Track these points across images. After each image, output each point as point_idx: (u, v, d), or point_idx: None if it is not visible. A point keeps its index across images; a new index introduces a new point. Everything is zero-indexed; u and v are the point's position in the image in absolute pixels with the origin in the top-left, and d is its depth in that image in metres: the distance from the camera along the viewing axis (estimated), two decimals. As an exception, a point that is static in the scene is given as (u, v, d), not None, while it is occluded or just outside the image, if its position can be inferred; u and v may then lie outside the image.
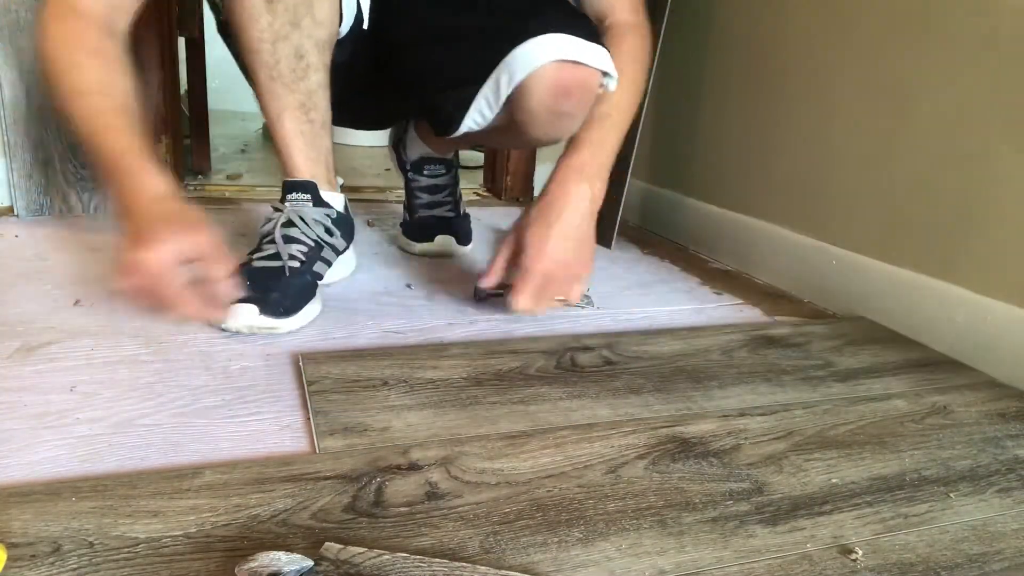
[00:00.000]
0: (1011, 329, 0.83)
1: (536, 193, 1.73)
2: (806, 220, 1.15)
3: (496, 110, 0.90)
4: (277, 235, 0.87)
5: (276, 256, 0.86)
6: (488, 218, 1.50)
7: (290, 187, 0.90)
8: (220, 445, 0.60)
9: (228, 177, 1.76)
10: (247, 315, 0.80)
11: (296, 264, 0.86)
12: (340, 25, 0.87)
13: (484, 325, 0.91)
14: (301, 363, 0.74)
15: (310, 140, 0.88)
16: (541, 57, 0.83)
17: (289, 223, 0.88)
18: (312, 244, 0.88)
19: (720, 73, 1.33)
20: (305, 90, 0.84)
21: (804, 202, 1.15)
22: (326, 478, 0.54)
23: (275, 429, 0.63)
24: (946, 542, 0.52)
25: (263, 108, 0.87)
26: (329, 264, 0.91)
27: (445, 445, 0.60)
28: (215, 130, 1.76)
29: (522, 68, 0.84)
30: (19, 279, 0.96)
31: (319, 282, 0.90)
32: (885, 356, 0.87)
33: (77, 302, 0.90)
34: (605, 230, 1.37)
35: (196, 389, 0.70)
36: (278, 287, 0.83)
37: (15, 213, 1.28)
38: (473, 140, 1.10)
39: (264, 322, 0.81)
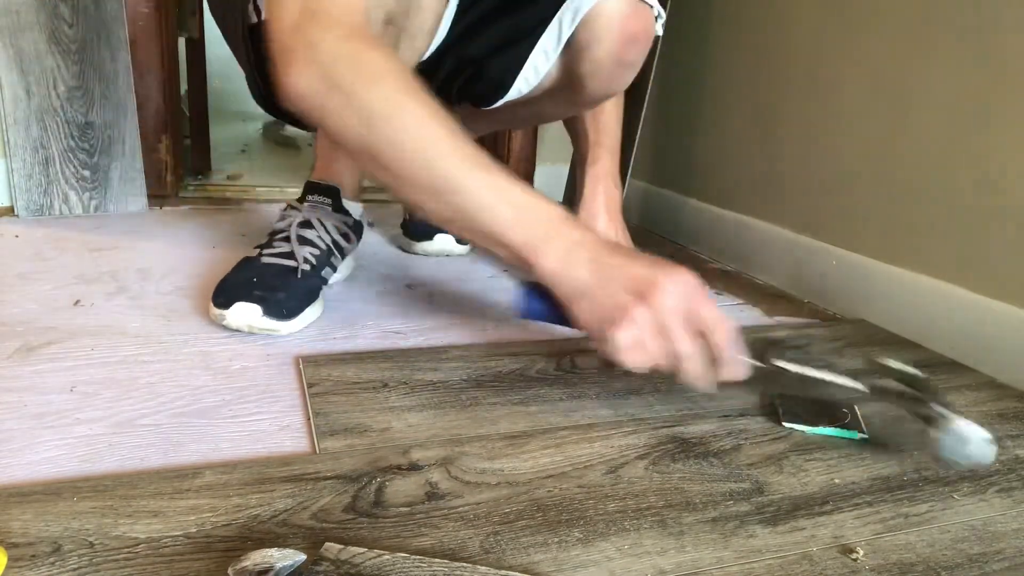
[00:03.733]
0: (1011, 329, 0.83)
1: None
2: (806, 220, 1.14)
3: (552, 60, 0.91)
4: (293, 234, 0.86)
5: (288, 255, 0.85)
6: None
7: (312, 188, 0.89)
8: (220, 445, 0.60)
9: (228, 177, 1.76)
10: (249, 314, 0.80)
11: (307, 267, 0.85)
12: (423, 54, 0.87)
13: (484, 326, 0.91)
14: (301, 366, 0.74)
15: None
16: None
17: (306, 224, 0.88)
18: (324, 248, 0.88)
19: (720, 73, 1.33)
20: None
21: (804, 202, 1.15)
22: (326, 478, 0.54)
23: (275, 429, 0.63)
24: (946, 542, 0.52)
25: None
26: (335, 269, 0.92)
27: (445, 445, 0.60)
28: (215, 130, 1.76)
29: (588, 1, 0.85)
30: (19, 279, 0.96)
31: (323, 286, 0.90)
32: (885, 358, 0.86)
33: (77, 302, 0.90)
34: (605, 230, 1.37)
35: (196, 389, 0.69)
36: (285, 287, 0.83)
37: (15, 213, 1.28)
38: (499, 118, 1.11)
39: (265, 323, 0.81)
